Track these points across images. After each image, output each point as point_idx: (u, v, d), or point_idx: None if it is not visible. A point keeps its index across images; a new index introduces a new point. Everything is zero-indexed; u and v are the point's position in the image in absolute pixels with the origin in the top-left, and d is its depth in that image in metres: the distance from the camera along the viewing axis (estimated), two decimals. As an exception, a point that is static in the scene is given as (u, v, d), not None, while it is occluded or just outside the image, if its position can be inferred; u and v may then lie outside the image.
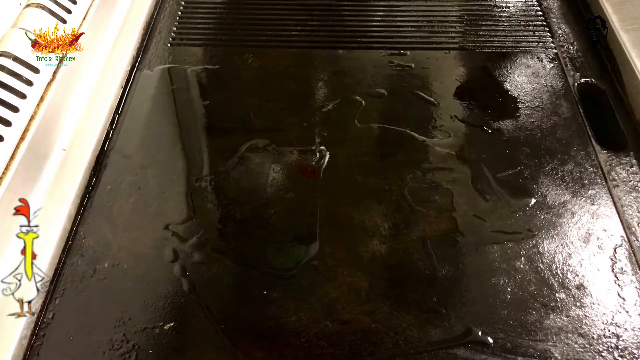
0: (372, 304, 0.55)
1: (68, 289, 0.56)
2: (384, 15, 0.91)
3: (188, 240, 0.60)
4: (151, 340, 0.52)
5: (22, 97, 0.66)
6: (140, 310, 0.54)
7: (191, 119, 0.75)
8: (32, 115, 0.67)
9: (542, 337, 0.52)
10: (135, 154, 0.69)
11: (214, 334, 0.53)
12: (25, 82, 0.67)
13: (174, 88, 0.80)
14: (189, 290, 0.56)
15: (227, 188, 0.65)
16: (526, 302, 0.55)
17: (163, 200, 0.64)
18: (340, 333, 0.53)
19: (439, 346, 0.52)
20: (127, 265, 0.58)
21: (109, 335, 0.52)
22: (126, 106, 0.76)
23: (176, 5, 0.93)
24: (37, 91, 0.68)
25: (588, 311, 0.54)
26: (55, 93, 0.70)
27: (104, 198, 0.64)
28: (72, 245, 0.60)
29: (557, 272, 0.57)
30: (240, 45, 0.86)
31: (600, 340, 0.52)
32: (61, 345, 0.52)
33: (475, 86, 0.79)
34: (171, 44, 0.86)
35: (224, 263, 0.58)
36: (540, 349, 0.52)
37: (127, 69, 0.80)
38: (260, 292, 0.56)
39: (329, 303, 0.55)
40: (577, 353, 0.51)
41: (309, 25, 0.89)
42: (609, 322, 0.53)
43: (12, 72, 0.66)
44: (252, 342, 0.52)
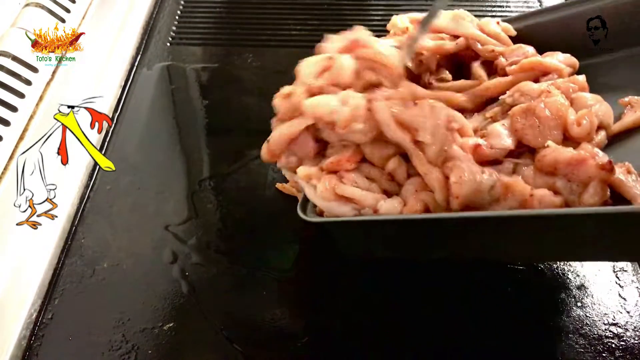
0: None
1: (67, 290, 0.56)
2: (384, 14, 0.90)
3: (188, 241, 0.60)
4: (150, 341, 0.52)
5: (21, 97, 0.66)
6: (139, 311, 0.54)
7: (191, 119, 0.75)
8: (32, 115, 0.66)
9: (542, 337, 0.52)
10: (134, 153, 0.69)
11: (214, 334, 0.52)
12: (24, 81, 0.67)
13: (174, 88, 0.79)
14: (188, 290, 0.56)
15: (227, 188, 0.65)
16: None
17: (162, 200, 0.64)
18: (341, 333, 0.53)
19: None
20: (127, 266, 0.58)
21: (108, 336, 0.52)
22: (125, 106, 0.75)
23: (175, 4, 0.93)
24: (36, 91, 0.68)
25: (589, 311, 0.54)
26: (55, 93, 0.70)
27: (103, 198, 0.64)
28: (71, 245, 0.60)
29: (557, 272, 0.57)
30: (240, 44, 0.86)
31: (601, 341, 0.52)
32: (60, 345, 0.52)
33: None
34: (171, 44, 0.86)
35: (223, 263, 0.58)
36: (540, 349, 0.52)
37: (127, 69, 0.80)
38: (260, 293, 0.55)
39: (330, 303, 0.55)
40: (577, 353, 0.51)
41: (308, 25, 0.89)
42: (610, 323, 0.53)
43: (11, 72, 0.66)
44: (252, 342, 0.52)
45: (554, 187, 0.44)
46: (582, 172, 0.42)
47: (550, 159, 0.44)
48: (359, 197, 0.46)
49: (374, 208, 0.45)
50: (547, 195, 0.43)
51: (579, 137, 0.46)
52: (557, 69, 0.53)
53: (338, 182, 0.46)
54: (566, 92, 0.49)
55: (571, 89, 0.50)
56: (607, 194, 0.42)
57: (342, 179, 0.47)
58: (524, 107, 0.48)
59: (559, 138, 0.47)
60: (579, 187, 0.42)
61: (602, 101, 0.49)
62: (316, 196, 0.46)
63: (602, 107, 0.48)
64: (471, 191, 0.42)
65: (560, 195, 0.43)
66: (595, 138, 0.47)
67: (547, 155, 0.44)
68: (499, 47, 0.56)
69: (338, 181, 0.47)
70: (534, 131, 0.47)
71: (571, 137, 0.47)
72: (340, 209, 0.46)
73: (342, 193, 0.46)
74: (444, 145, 0.44)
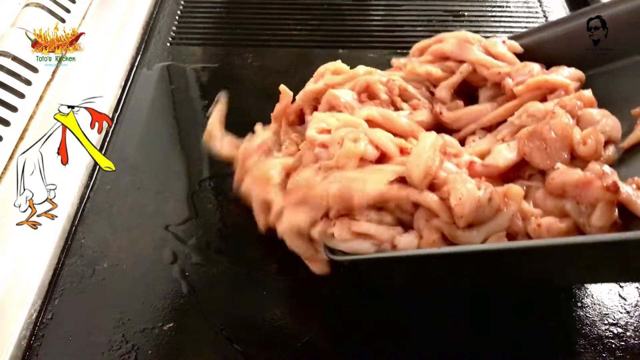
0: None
1: (67, 290, 0.56)
2: (384, 14, 0.90)
3: (188, 241, 0.60)
4: (150, 341, 0.52)
5: (21, 97, 0.66)
6: (139, 311, 0.54)
7: (191, 119, 0.75)
8: (32, 115, 0.66)
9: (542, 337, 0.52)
10: (134, 153, 0.69)
11: (214, 334, 0.52)
12: (24, 81, 0.67)
13: (174, 88, 0.79)
14: (188, 290, 0.56)
15: (227, 188, 0.65)
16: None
17: (162, 200, 0.64)
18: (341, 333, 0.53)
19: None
20: (127, 266, 0.58)
21: (108, 336, 0.52)
22: (125, 106, 0.75)
23: (176, 4, 0.93)
24: (36, 91, 0.68)
25: (589, 311, 0.54)
26: (55, 93, 0.70)
27: (103, 198, 0.64)
28: (71, 245, 0.60)
29: (557, 273, 0.57)
30: (240, 44, 0.86)
31: (601, 341, 0.52)
32: (60, 345, 0.52)
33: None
34: (171, 44, 0.86)
35: (223, 263, 0.58)
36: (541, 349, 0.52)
37: (127, 69, 0.80)
38: (260, 293, 0.55)
39: (330, 303, 0.55)
40: (577, 353, 0.51)
41: (308, 25, 0.89)
42: (610, 323, 0.53)
43: (11, 72, 0.66)
44: (252, 342, 0.52)
45: (564, 210, 0.44)
46: (589, 194, 0.42)
47: (559, 182, 0.44)
48: (374, 232, 0.46)
49: (392, 243, 0.45)
50: (553, 223, 0.43)
51: (586, 156, 0.46)
52: (563, 86, 0.53)
53: (351, 221, 0.47)
54: (572, 110, 0.49)
55: (577, 107, 0.50)
56: (614, 215, 0.41)
57: (354, 218, 0.47)
58: (530, 130, 0.48)
59: (567, 158, 0.47)
60: (588, 208, 0.42)
61: (609, 115, 0.49)
62: (337, 241, 0.47)
63: (609, 122, 0.48)
64: (473, 208, 0.43)
65: (567, 219, 0.43)
66: (603, 154, 0.47)
67: (555, 178, 0.44)
68: (505, 68, 0.56)
69: (350, 220, 0.47)
70: (542, 154, 0.47)
71: (578, 156, 0.47)
72: (361, 246, 0.47)
73: (358, 230, 0.47)
74: (427, 167, 0.45)
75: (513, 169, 0.49)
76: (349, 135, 0.48)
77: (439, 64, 0.59)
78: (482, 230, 0.44)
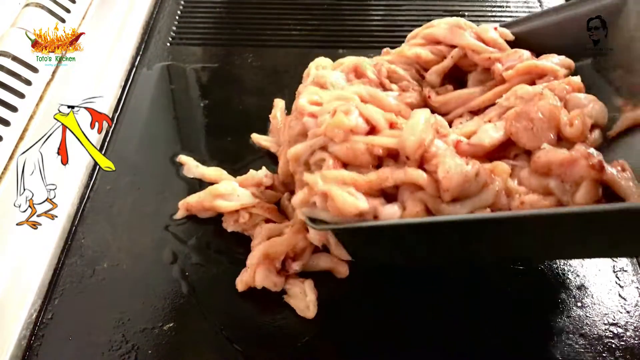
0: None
1: (67, 290, 0.56)
2: (384, 14, 0.90)
3: (188, 241, 0.60)
4: (150, 341, 0.52)
5: (21, 97, 0.66)
6: (139, 311, 0.54)
7: (191, 119, 0.75)
8: (32, 115, 0.66)
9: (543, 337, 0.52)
10: (134, 153, 0.69)
11: (214, 334, 0.52)
12: (24, 81, 0.67)
13: (174, 88, 0.79)
14: (188, 290, 0.56)
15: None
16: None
17: (162, 200, 0.64)
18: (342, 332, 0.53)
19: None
20: (127, 266, 0.58)
21: (108, 336, 0.52)
22: (125, 106, 0.75)
23: (175, 4, 0.93)
24: (36, 91, 0.68)
25: (589, 311, 0.54)
26: (55, 93, 0.70)
27: (103, 198, 0.64)
28: (71, 245, 0.60)
29: (557, 272, 0.57)
30: (240, 44, 0.86)
31: (601, 341, 0.52)
32: (60, 345, 0.52)
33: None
34: (171, 44, 0.86)
35: (223, 263, 0.58)
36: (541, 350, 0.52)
37: (127, 69, 0.80)
38: (260, 293, 0.55)
39: (330, 303, 0.55)
40: (577, 353, 0.51)
41: (308, 25, 0.89)
42: (610, 323, 0.53)
43: (11, 72, 0.66)
44: (252, 342, 0.52)
45: (548, 189, 0.44)
46: (574, 172, 0.43)
47: (544, 160, 0.45)
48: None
49: (374, 214, 0.45)
50: (537, 200, 0.44)
51: (572, 137, 0.46)
52: (553, 71, 0.53)
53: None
54: (560, 94, 0.50)
55: (565, 91, 0.50)
56: (598, 193, 0.42)
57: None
58: (518, 110, 0.48)
59: (553, 139, 0.47)
60: (572, 187, 0.43)
61: (596, 101, 0.49)
62: (318, 210, 0.47)
63: (595, 107, 0.49)
64: (460, 182, 0.43)
65: (551, 197, 0.44)
66: (589, 137, 0.48)
67: (541, 157, 0.45)
68: (495, 54, 0.56)
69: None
70: (528, 134, 0.47)
71: (565, 137, 0.47)
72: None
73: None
74: (422, 139, 0.45)
75: (498, 149, 0.49)
76: (341, 107, 0.48)
77: (430, 47, 0.60)
78: (466, 204, 0.44)
